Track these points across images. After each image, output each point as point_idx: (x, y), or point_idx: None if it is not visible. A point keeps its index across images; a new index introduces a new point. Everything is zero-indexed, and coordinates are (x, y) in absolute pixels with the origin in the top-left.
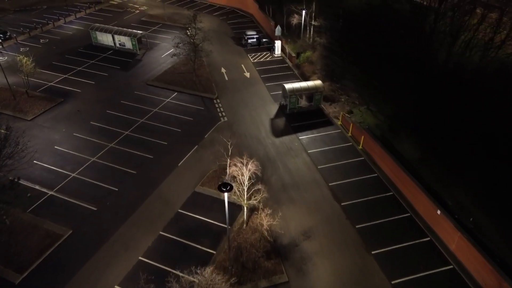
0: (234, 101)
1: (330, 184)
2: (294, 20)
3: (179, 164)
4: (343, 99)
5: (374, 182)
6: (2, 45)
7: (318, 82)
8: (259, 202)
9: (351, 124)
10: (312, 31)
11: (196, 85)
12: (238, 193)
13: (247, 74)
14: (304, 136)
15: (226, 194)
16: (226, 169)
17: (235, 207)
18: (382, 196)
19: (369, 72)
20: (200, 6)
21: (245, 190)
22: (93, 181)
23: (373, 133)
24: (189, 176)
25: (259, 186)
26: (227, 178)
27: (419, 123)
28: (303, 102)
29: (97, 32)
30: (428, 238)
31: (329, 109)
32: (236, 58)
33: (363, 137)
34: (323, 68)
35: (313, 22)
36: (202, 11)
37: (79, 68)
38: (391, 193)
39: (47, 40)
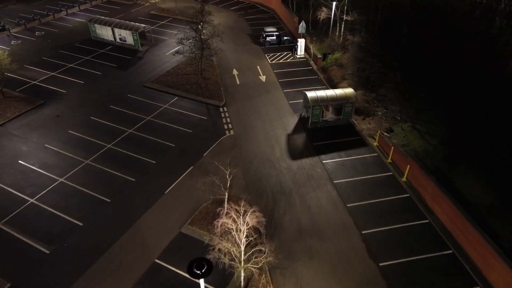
0: (245, 110)
1: (363, 232)
2: (322, 15)
3: (166, 192)
4: (379, 113)
5: (425, 232)
6: None
7: (349, 91)
8: (260, 268)
9: (392, 147)
10: (343, 27)
11: (201, 89)
12: (232, 253)
13: (263, 78)
14: (329, 160)
15: (202, 282)
16: (223, 202)
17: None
18: (437, 256)
19: (416, 79)
20: (216, 0)
21: (242, 251)
22: (53, 211)
23: (423, 162)
24: (176, 209)
25: (262, 246)
26: (216, 232)
27: (489, 154)
28: (330, 115)
29: (96, 25)
30: None
31: (362, 125)
32: (251, 58)
33: (408, 166)
34: (355, 73)
35: (345, 17)
36: (218, 5)
37: (70, 65)
38: (450, 251)
39: (43, 33)
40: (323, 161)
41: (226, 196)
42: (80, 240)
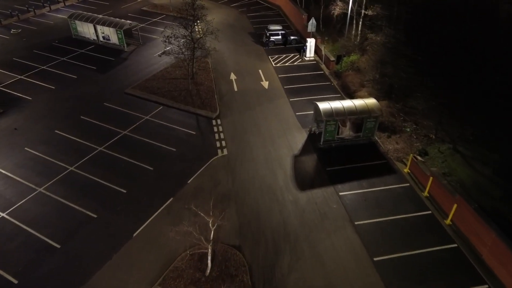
0: (242, 123)
1: None
2: (337, 10)
3: (134, 235)
4: (408, 129)
5: None
6: None
7: (371, 101)
8: None
9: (431, 177)
10: (360, 25)
11: (192, 97)
12: None
13: (265, 84)
14: (347, 192)
15: None
16: (205, 257)
17: None
18: None
19: (457, 87)
20: None
21: None
22: None
23: (474, 200)
24: (145, 261)
25: None
26: None
27: None
28: (347, 132)
29: (76, 22)
30: None
31: (388, 145)
32: (252, 60)
33: (455, 206)
34: (377, 79)
35: (363, 11)
36: (218, 1)
37: (43, 67)
38: None
39: (20, 30)
40: (340, 193)
41: (210, 252)
42: None
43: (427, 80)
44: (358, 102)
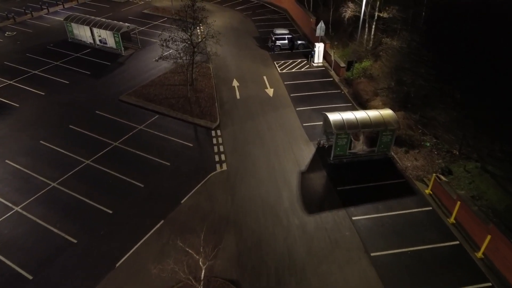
0: (244, 134)
1: None
2: (348, 12)
3: (117, 265)
4: (428, 144)
5: None
6: None
7: (387, 113)
8: None
9: (458, 202)
10: (373, 28)
11: (190, 105)
12: None
13: (270, 91)
14: (361, 216)
15: None
16: None
17: None
18: None
19: (486, 97)
20: None
21: None
22: None
23: (511, 230)
24: None
25: None
26: None
27: None
28: (360, 146)
29: (72, 24)
30: None
31: (406, 162)
32: (257, 66)
33: (488, 237)
34: (392, 88)
35: (376, 14)
36: (222, 4)
37: (34, 72)
38: None
39: (15, 33)
40: (353, 218)
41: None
42: None
43: (451, 88)
44: (372, 113)
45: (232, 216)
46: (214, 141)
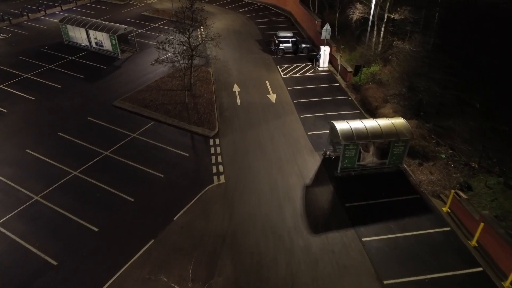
0: (244, 143)
1: None
2: (356, 14)
3: None
4: (443, 155)
5: None
6: None
7: (400, 122)
8: None
9: (481, 223)
10: (382, 30)
11: (188, 112)
12: None
13: (272, 97)
14: (372, 237)
15: None
16: None
17: None
18: None
19: (506, 103)
20: (223, 1)
21: None
22: None
23: None
24: None
25: None
26: None
27: None
28: (370, 158)
29: (68, 26)
30: None
31: (420, 175)
32: (259, 70)
33: None
34: (403, 94)
35: (386, 15)
36: (225, 6)
37: (26, 75)
38: None
39: (9, 35)
40: (363, 239)
41: None
42: None
43: (471, 97)
44: (383, 122)
45: (229, 236)
46: (212, 150)
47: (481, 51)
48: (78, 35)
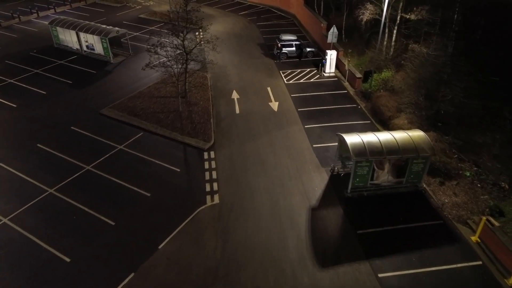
0: (242, 158)
1: None
2: (366, 15)
3: None
4: (468, 173)
5: None
6: None
7: (418, 135)
8: None
9: None
10: (395, 33)
11: (181, 121)
12: None
13: (274, 105)
14: (390, 273)
15: None
16: None
17: None
18: None
19: None
20: (224, 4)
21: None
22: None
23: None
24: None
25: None
26: None
27: None
28: (385, 176)
29: (58, 29)
30: None
31: (442, 196)
32: (260, 76)
33: None
34: (420, 103)
35: (401, 15)
36: (226, 8)
37: (10, 81)
38: None
39: None
40: (379, 275)
41: None
42: None
43: (501, 106)
44: (400, 136)
45: (222, 270)
46: (206, 165)
47: None
48: (69, 38)
